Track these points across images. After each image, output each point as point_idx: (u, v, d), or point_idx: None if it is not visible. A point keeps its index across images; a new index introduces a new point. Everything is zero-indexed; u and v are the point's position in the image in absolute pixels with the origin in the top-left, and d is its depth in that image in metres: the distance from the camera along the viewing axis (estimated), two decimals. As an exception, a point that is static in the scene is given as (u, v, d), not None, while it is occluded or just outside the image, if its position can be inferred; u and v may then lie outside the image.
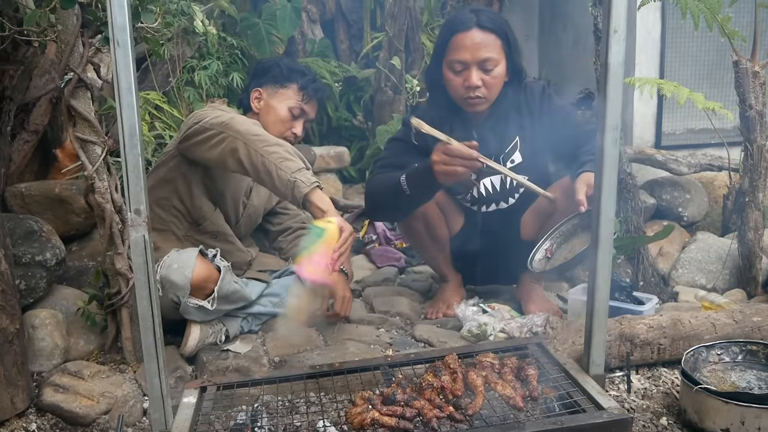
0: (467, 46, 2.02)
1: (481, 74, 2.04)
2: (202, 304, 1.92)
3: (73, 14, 1.79)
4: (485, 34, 2.03)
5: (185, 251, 1.95)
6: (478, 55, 2.02)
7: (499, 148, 2.19)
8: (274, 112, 2.21)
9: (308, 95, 2.23)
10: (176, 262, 1.91)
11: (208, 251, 2.00)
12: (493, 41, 2.04)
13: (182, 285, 1.88)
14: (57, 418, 1.76)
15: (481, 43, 2.02)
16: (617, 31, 1.37)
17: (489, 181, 2.22)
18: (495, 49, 2.04)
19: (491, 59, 2.03)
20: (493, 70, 2.05)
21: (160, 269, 1.88)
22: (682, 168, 3.38)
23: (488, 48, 2.03)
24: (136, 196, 1.29)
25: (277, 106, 2.21)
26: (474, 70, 2.03)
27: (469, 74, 2.04)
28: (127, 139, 1.28)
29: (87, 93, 1.88)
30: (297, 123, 2.23)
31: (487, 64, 2.03)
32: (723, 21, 2.36)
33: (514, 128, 2.19)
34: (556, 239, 1.96)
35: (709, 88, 3.86)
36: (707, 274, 2.55)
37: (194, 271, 1.89)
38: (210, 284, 1.94)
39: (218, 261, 1.98)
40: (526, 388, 1.50)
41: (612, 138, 1.42)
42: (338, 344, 2.05)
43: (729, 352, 1.75)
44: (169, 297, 1.90)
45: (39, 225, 2.18)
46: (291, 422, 1.53)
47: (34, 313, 2.03)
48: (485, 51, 2.02)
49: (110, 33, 1.23)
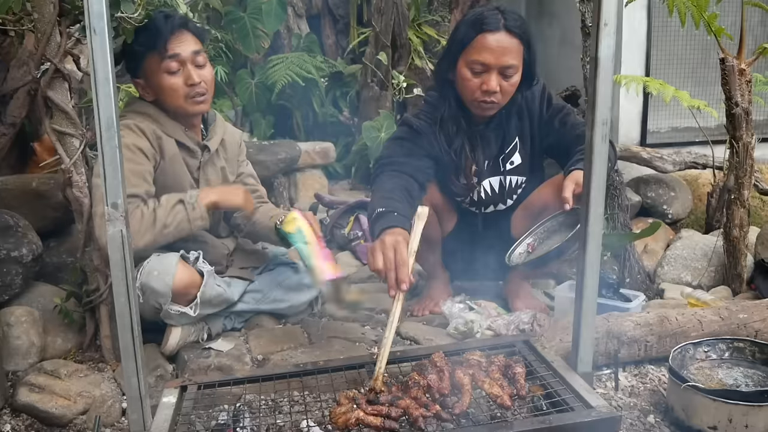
0: (492, 48, 1.93)
1: (500, 79, 1.96)
2: (184, 310, 1.88)
3: (50, 2, 1.74)
4: (511, 38, 1.94)
5: (165, 256, 1.88)
6: (501, 60, 1.94)
7: (499, 150, 2.15)
8: (159, 89, 1.97)
9: (163, 42, 1.92)
10: (156, 268, 1.84)
11: (189, 254, 1.94)
12: (516, 47, 1.96)
13: (163, 292, 1.83)
14: (32, 419, 1.71)
15: (507, 48, 1.94)
16: (607, 24, 1.35)
17: (488, 183, 2.18)
18: (518, 56, 1.97)
19: (513, 66, 1.95)
20: (513, 77, 1.98)
21: (140, 276, 1.83)
22: (667, 166, 3.39)
23: (512, 54, 1.95)
24: (113, 190, 1.25)
25: (155, 81, 1.96)
26: (494, 74, 1.95)
27: (488, 78, 1.95)
28: (104, 131, 1.23)
29: (64, 84, 1.83)
30: (187, 73, 1.96)
31: (509, 70, 1.95)
32: (710, 18, 2.35)
33: (515, 130, 2.14)
34: (540, 235, 1.95)
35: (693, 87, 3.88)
36: (693, 272, 2.55)
37: (175, 277, 1.83)
38: (192, 289, 1.89)
39: (201, 265, 1.93)
40: (514, 387, 1.49)
41: (601, 133, 1.40)
42: (323, 342, 2.02)
43: (716, 349, 1.75)
44: (151, 303, 1.85)
45: (15, 220, 2.13)
46: (274, 422, 1.50)
47: (9, 311, 1.97)
48: (509, 57, 1.94)
49: (86, 20, 1.19)
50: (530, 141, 2.16)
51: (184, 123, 2.05)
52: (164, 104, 2.00)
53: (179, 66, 1.95)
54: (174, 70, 1.95)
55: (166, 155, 1.99)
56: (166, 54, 1.92)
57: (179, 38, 1.95)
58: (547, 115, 2.12)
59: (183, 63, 1.96)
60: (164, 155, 1.98)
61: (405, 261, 1.59)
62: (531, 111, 2.13)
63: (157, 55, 1.92)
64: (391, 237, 1.65)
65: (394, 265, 1.58)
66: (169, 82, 1.95)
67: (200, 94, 1.99)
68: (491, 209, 2.24)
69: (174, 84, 1.96)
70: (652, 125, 4.02)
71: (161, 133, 1.98)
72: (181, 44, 1.95)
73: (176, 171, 2.02)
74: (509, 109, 2.11)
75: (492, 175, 2.18)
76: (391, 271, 1.58)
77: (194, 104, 2.00)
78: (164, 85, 1.95)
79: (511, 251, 1.93)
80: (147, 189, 1.90)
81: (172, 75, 1.95)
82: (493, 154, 2.16)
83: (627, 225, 2.51)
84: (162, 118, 2.00)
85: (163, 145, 1.98)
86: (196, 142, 2.08)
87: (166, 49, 1.92)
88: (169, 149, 1.99)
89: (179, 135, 2.03)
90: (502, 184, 2.19)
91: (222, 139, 2.17)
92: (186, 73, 1.96)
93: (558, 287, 2.28)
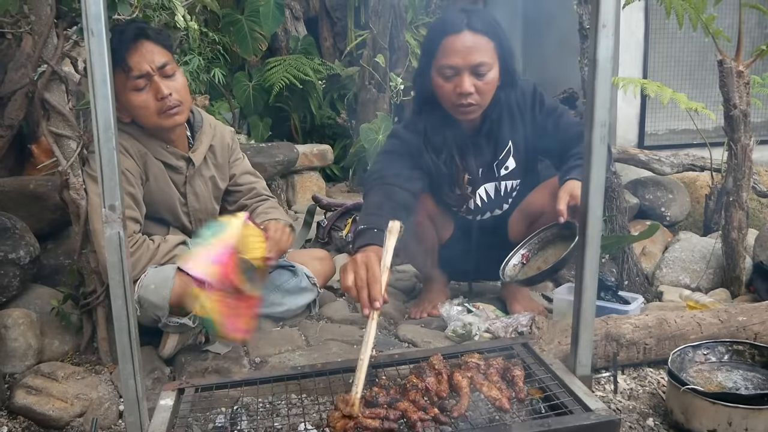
0: (458, 49, 1.89)
1: (474, 80, 1.91)
2: (184, 321, 1.86)
3: (47, 4, 1.73)
4: (477, 36, 1.90)
5: (162, 269, 1.85)
6: (470, 60, 1.89)
7: (493, 156, 2.12)
8: (131, 108, 1.89)
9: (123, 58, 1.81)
10: (153, 282, 1.82)
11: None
12: (485, 44, 1.91)
13: (161, 305, 1.80)
14: (29, 421, 1.70)
15: (474, 47, 1.89)
16: (606, 25, 1.35)
17: (483, 190, 2.16)
18: (488, 53, 1.91)
19: (484, 64, 1.91)
20: (486, 75, 1.92)
21: (138, 289, 1.80)
22: (665, 168, 3.39)
23: (481, 52, 1.89)
24: (110, 192, 1.25)
25: (124, 100, 1.86)
26: (466, 76, 1.90)
27: (460, 80, 1.90)
28: (102, 133, 1.23)
29: (62, 86, 1.83)
30: (155, 87, 1.86)
31: (480, 68, 1.91)
32: (707, 21, 2.36)
33: (507, 133, 2.09)
34: (534, 246, 1.94)
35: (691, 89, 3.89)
36: (691, 274, 2.55)
37: (173, 291, 1.80)
38: (191, 300, 1.87)
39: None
40: (512, 389, 1.48)
41: (600, 135, 1.40)
42: (320, 344, 2.02)
43: (715, 352, 1.74)
44: (149, 315, 1.83)
45: (12, 222, 2.12)
46: (272, 425, 1.50)
47: (6, 313, 1.97)
48: (478, 55, 1.89)
49: (84, 22, 1.18)
50: (524, 144, 2.12)
51: (164, 139, 1.99)
52: (140, 122, 1.94)
53: (146, 82, 1.86)
54: (141, 86, 1.86)
55: (151, 174, 1.96)
56: (130, 72, 1.83)
57: (140, 51, 1.84)
58: (541, 116, 2.08)
59: (149, 77, 1.86)
60: (149, 174, 1.96)
61: (377, 278, 1.50)
62: (523, 113, 2.09)
63: (121, 73, 1.82)
64: (363, 254, 1.58)
65: (366, 283, 1.50)
66: (138, 99, 1.87)
67: (173, 106, 1.90)
68: (488, 215, 2.22)
69: (144, 101, 1.87)
70: (650, 127, 4.03)
71: (145, 151, 1.95)
72: (144, 58, 1.84)
73: (162, 189, 2.00)
74: (499, 114, 2.06)
75: (487, 182, 2.14)
76: (363, 289, 1.49)
77: (168, 118, 1.91)
78: (134, 104, 1.87)
79: (505, 264, 1.91)
80: (141, 212, 1.93)
81: (139, 92, 1.86)
82: (486, 161, 2.12)
83: (625, 227, 2.51)
84: (143, 138, 1.96)
85: (147, 163, 1.95)
86: (179, 156, 2.03)
87: (129, 66, 1.82)
88: (152, 167, 1.96)
89: (161, 154, 1.99)
90: (497, 189, 2.16)
91: (210, 145, 2.12)
92: (155, 87, 1.87)
93: (556, 290, 2.27)
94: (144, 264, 1.87)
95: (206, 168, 2.11)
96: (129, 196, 1.88)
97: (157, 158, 1.98)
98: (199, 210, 2.11)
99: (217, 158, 2.15)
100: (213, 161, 2.14)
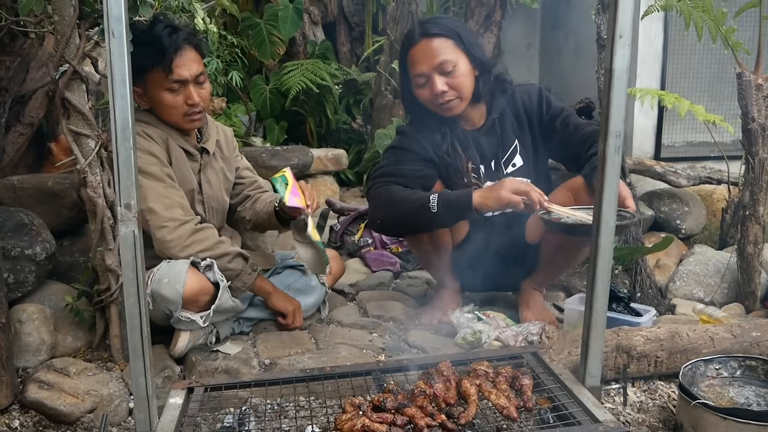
0: (419, 58, 2.03)
1: (444, 79, 2.03)
2: (194, 318, 1.88)
3: (70, 5, 1.76)
4: (433, 40, 2.03)
5: (176, 264, 1.88)
6: (432, 63, 2.02)
7: (497, 152, 2.18)
8: (158, 103, 1.98)
9: (167, 63, 1.92)
10: (167, 276, 1.85)
11: (200, 262, 1.93)
12: (443, 44, 2.03)
13: (174, 300, 1.83)
14: (40, 416, 1.72)
15: (432, 50, 2.02)
16: (622, 36, 1.35)
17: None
18: (448, 51, 2.03)
19: (447, 61, 2.02)
20: (454, 71, 2.03)
21: (151, 283, 1.83)
22: (681, 180, 3.36)
23: (441, 52, 2.02)
24: (126, 190, 1.26)
25: (154, 95, 1.97)
26: (435, 78, 2.03)
27: (432, 83, 2.04)
28: (120, 132, 1.25)
29: (82, 86, 1.85)
30: (187, 93, 1.98)
31: (445, 66, 2.02)
32: (727, 33, 2.34)
33: (512, 132, 2.18)
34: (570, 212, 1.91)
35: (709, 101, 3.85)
36: (705, 288, 2.53)
37: (186, 285, 1.83)
38: (203, 297, 1.90)
39: (217, 277, 1.92)
40: (521, 398, 1.47)
41: (614, 145, 1.40)
42: (330, 348, 2.02)
43: (727, 367, 1.72)
44: (161, 310, 1.86)
45: (30, 218, 2.15)
46: (279, 426, 1.50)
47: (21, 308, 1.99)
48: (438, 56, 2.01)
49: (105, 23, 1.20)
50: (531, 143, 2.20)
51: (180, 131, 2.08)
52: (161, 116, 2.03)
53: (181, 86, 1.97)
54: (175, 89, 1.97)
55: (173, 158, 2.03)
56: (172, 75, 1.93)
57: (185, 57, 1.96)
58: (548, 117, 2.17)
59: (185, 83, 1.97)
60: (171, 158, 2.03)
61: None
62: (529, 114, 2.18)
63: (161, 72, 1.93)
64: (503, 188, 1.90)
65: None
66: (169, 99, 1.97)
67: (198, 112, 2.02)
68: (498, 211, 2.23)
69: (174, 102, 1.98)
70: (667, 139, 3.99)
71: (167, 136, 2.03)
72: (186, 65, 1.96)
73: (183, 173, 2.06)
74: (501, 112, 2.16)
75: (494, 178, 2.17)
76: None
77: (191, 122, 2.04)
78: (164, 101, 1.97)
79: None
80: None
81: (173, 93, 1.97)
82: (491, 158, 2.18)
83: (639, 239, 2.49)
84: (161, 125, 2.04)
85: (170, 148, 2.03)
86: (193, 145, 2.11)
87: (171, 69, 1.93)
88: (174, 151, 2.04)
89: (179, 141, 2.06)
90: None
91: (217, 140, 2.19)
92: (187, 92, 1.98)
93: (568, 300, 2.26)
94: (205, 247, 1.93)
95: (216, 160, 2.18)
96: (170, 177, 1.97)
97: (178, 144, 2.05)
98: (212, 198, 2.16)
99: (224, 152, 2.23)
100: (220, 155, 2.21)
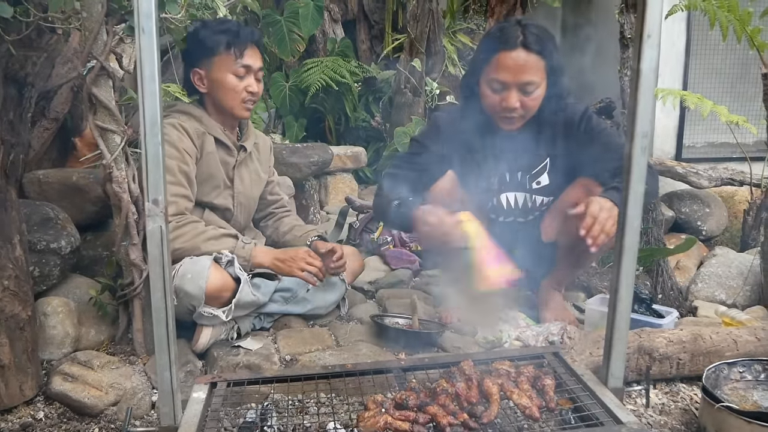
0: (510, 66, 1.92)
1: (520, 95, 1.95)
2: (217, 314, 1.91)
3: (98, 2, 1.78)
4: (530, 55, 1.92)
5: (199, 260, 1.92)
6: (519, 78, 1.92)
7: (526, 167, 2.12)
8: (220, 86, 2.10)
9: (240, 49, 2.08)
10: (190, 271, 1.89)
11: (222, 257, 1.96)
12: (536, 63, 1.93)
13: (197, 295, 1.87)
14: (65, 408, 1.74)
15: (524, 66, 1.91)
16: (651, 36, 1.34)
17: (513, 196, 2.17)
18: (538, 72, 1.94)
19: (532, 83, 1.93)
20: (533, 93, 1.96)
21: (174, 279, 1.86)
22: (703, 181, 3.33)
23: (531, 71, 1.92)
24: (154, 186, 1.28)
25: (220, 77, 2.09)
26: (513, 92, 1.94)
27: (508, 95, 1.94)
28: (149, 128, 1.26)
29: (109, 81, 1.87)
30: (248, 81, 2.12)
31: (528, 87, 1.94)
32: (752, 33, 2.31)
33: (546, 149, 2.10)
34: None
35: (731, 102, 3.81)
36: (727, 290, 2.50)
37: (208, 281, 1.87)
38: (225, 293, 1.92)
39: (237, 271, 1.95)
40: (543, 398, 1.47)
41: (641, 145, 1.38)
42: (350, 345, 2.03)
43: (751, 370, 1.71)
44: (184, 305, 1.90)
45: (55, 212, 2.18)
46: (301, 422, 1.51)
47: (46, 301, 2.02)
48: (527, 74, 1.92)
49: (135, 20, 1.21)
50: (563, 163, 2.10)
51: (224, 123, 2.16)
52: (215, 100, 2.12)
53: (246, 73, 2.11)
54: (241, 74, 2.09)
55: (204, 152, 2.08)
56: (242, 60, 2.08)
57: (254, 50, 2.12)
58: (585, 135, 2.05)
59: (250, 71, 2.11)
60: (202, 152, 2.08)
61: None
62: (568, 132, 2.08)
63: (231, 56, 2.07)
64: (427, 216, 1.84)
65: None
66: (233, 82, 2.09)
67: (252, 102, 2.15)
68: (511, 219, 2.22)
69: (237, 86, 2.10)
70: (688, 140, 3.96)
71: (203, 130, 2.08)
72: (254, 57, 2.12)
73: (211, 167, 2.11)
74: (540, 129, 2.07)
75: (516, 190, 2.15)
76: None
77: (244, 110, 2.14)
78: (227, 84, 2.09)
79: None
80: (193, 192, 2.04)
81: (237, 77, 2.09)
82: (518, 169, 2.13)
83: (661, 240, 2.47)
84: (204, 117, 2.12)
85: (204, 142, 2.08)
86: (232, 141, 2.18)
87: (242, 55, 2.08)
88: (208, 146, 2.09)
89: (218, 133, 2.13)
90: (526, 201, 2.17)
91: (255, 143, 2.27)
92: (249, 80, 2.12)
93: (589, 300, 2.25)
94: (185, 240, 1.95)
95: (251, 160, 2.25)
96: (183, 175, 2.01)
97: (215, 137, 2.12)
98: (242, 194, 2.22)
99: (261, 155, 2.31)
100: (257, 156, 2.28)
